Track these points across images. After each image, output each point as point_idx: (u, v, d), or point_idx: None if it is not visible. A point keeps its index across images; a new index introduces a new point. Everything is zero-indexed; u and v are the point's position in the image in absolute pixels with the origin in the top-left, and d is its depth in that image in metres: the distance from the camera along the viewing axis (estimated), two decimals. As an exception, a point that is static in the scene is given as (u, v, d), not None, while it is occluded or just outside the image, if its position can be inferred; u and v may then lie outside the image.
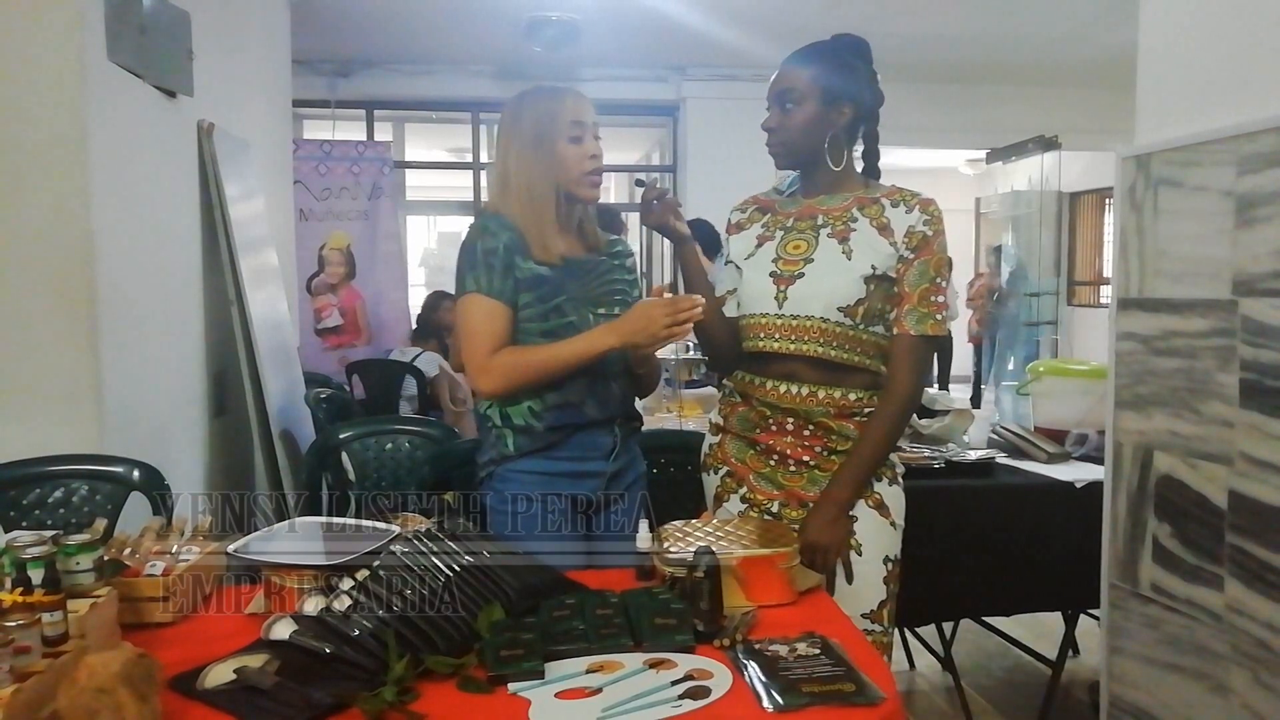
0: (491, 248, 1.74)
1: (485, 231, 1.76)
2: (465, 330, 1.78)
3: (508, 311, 1.74)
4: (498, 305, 1.74)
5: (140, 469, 2.22)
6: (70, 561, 1.36)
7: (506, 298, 1.74)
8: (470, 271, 1.75)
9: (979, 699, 2.97)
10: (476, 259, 1.74)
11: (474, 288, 1.74)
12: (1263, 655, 1.70)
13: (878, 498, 1.76)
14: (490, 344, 1.73)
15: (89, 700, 1.07)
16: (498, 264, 1.73)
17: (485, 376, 1.74)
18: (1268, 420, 1.69)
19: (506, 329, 1.75)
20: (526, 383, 1.74)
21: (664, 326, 1.64)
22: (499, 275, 1.73)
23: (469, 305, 1.76)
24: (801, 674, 1.22)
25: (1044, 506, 2.52)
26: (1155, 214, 1.97)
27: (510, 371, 1.73)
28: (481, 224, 1.78)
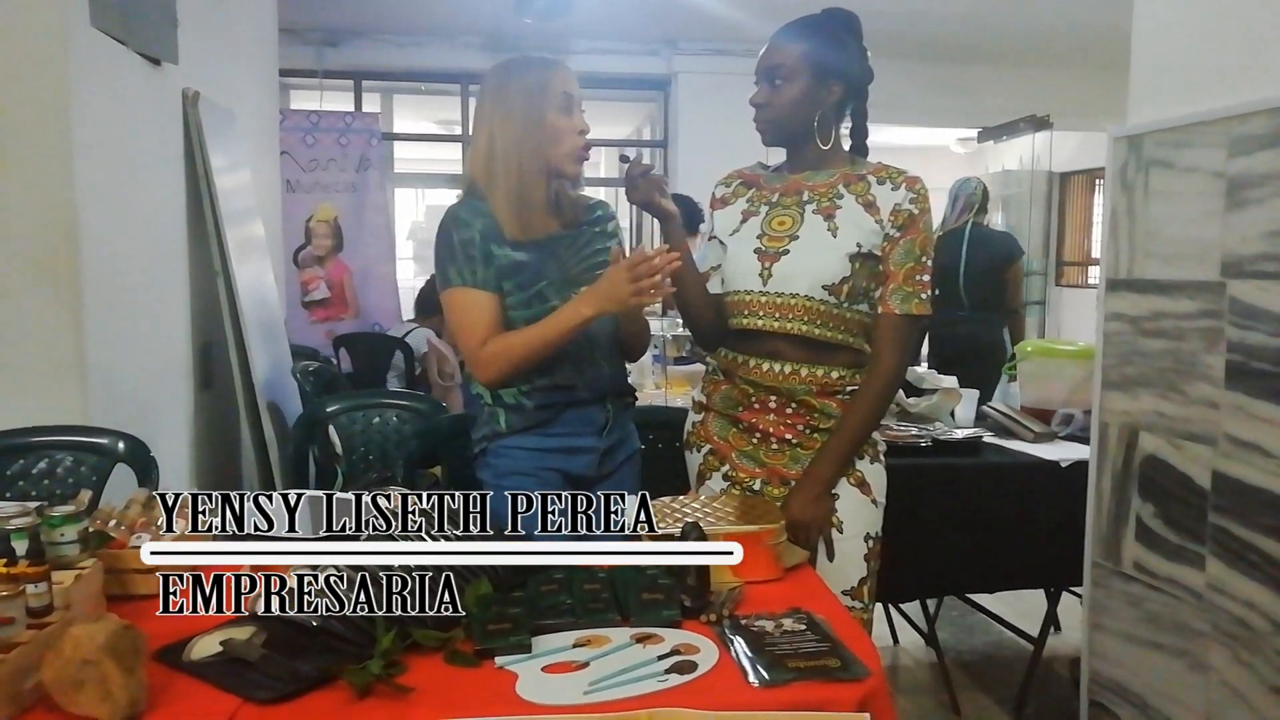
0: (467, 238, 1.72)
1: (458, 222, 1.73)
2: (456, 326, 1.77)
3: (493, 299, 1.73)
4: (482, 295, 1.73)
5: (125, 441, 2.21)
6: (55, 533, 1.35)
7: (491, 286, 1.73)
8: (451, 264, 1.73)
9: (961, 674, 3.00)
10: (455, 251, 1.72)
11: (458, 281, 1.73)
12: (1242, 633, 1.72)
13: (859, 475, 1.77)
14: (480, 335, 1.72)
15: (75, 672, 1.06)
16: (476, 253, 1.72)
17: (481, 369, 1.74)
18: (1253, 402, 1.70)
19: (495, 316, 1.73)
20: (521, 365, 1.73)
21: (629, 290, 1.60)
22: (480, 264, 1.72)
23: (454, 300, 1.75)
24: (787, 649, 1.22)
25: (1029, 485, 2.54)
26: (1146, 195, 1.97)
27: (500, 359, 1.72)
28: (453, 214, 1.75)
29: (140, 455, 2.20)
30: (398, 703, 1.10)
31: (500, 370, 1.73)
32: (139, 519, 1.55)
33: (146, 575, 1.44)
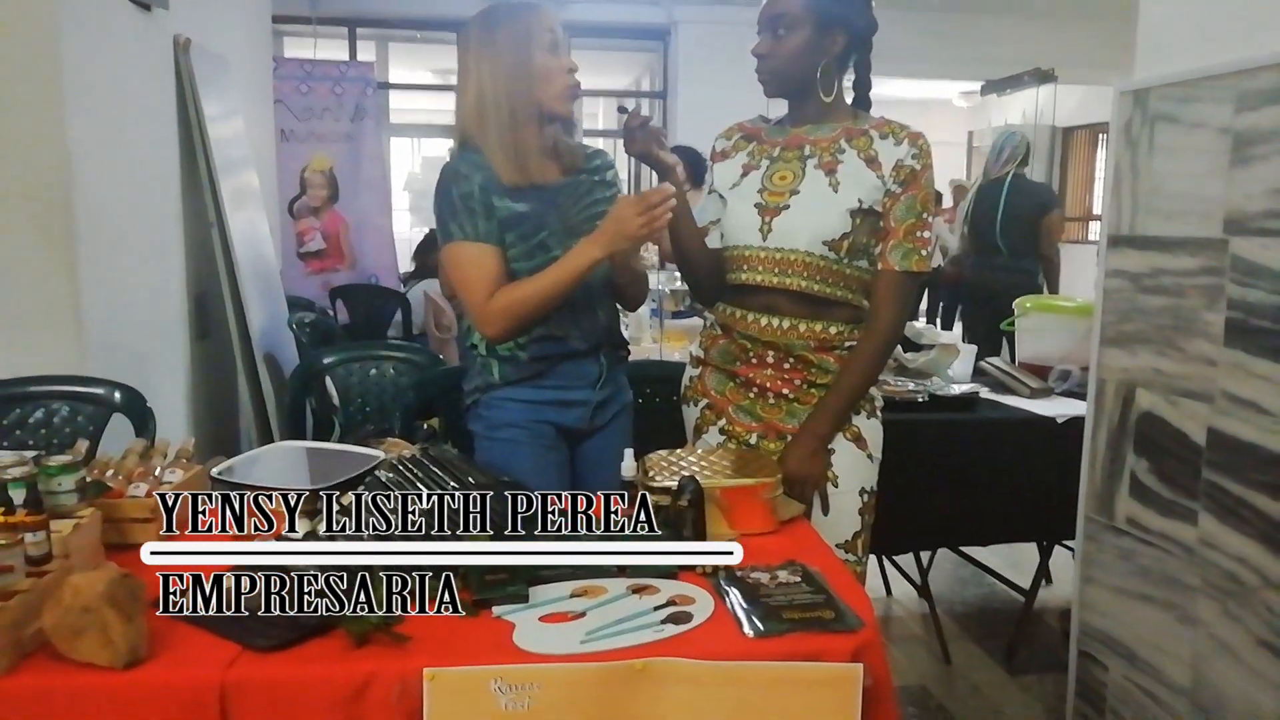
0: (467, 191, 1.69)
1: (458, 175, 1.71)
2: (458, 281, 1.74)
3: (496, 252, 1.71)
4: (485, 248, 1.70)
5: (122, 391, 2.21)
6: (52, 482, 1.35)
7: (494, 239, 1.71)
8: (452, 219, 1.70)
9: (953, 625, 3.04)
10: (455, 205, 1.70)
11: (460, 235, 1.70)
12: (1231, 587, 1.74)
13: (856, 430, 1.77)
14: (486, 290, 1.70)
15: (75, 619, 1.07)
16: (477, 206, 1.69)
17: (488, 324, 1.72)
18: (1251, 359, 1.70)
19: (499, 270, 1.71)
20: (528, 317, 1.71)
21: (639, 224, 1.60)
22: (481, 218, 1.70)
23: (457, 254, 1.72)
24: (782, 601, 1.24)
25: (1025, 441, 2.55)
26: (1150, 150, 1.95)
27: (508, 312, 1.70)
28: (452, 168, 1.72)
29: (137, 405, 2.20)
30: (396, 651, 1.12)
31: (509, 322, 1.71)
32: (136, 469, 1.55)
33: (145, 524, 1.45)
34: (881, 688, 1.15)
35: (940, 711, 2.54)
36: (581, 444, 1.85)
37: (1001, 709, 2.55)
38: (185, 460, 1.64)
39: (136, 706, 1.06)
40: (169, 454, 1.66)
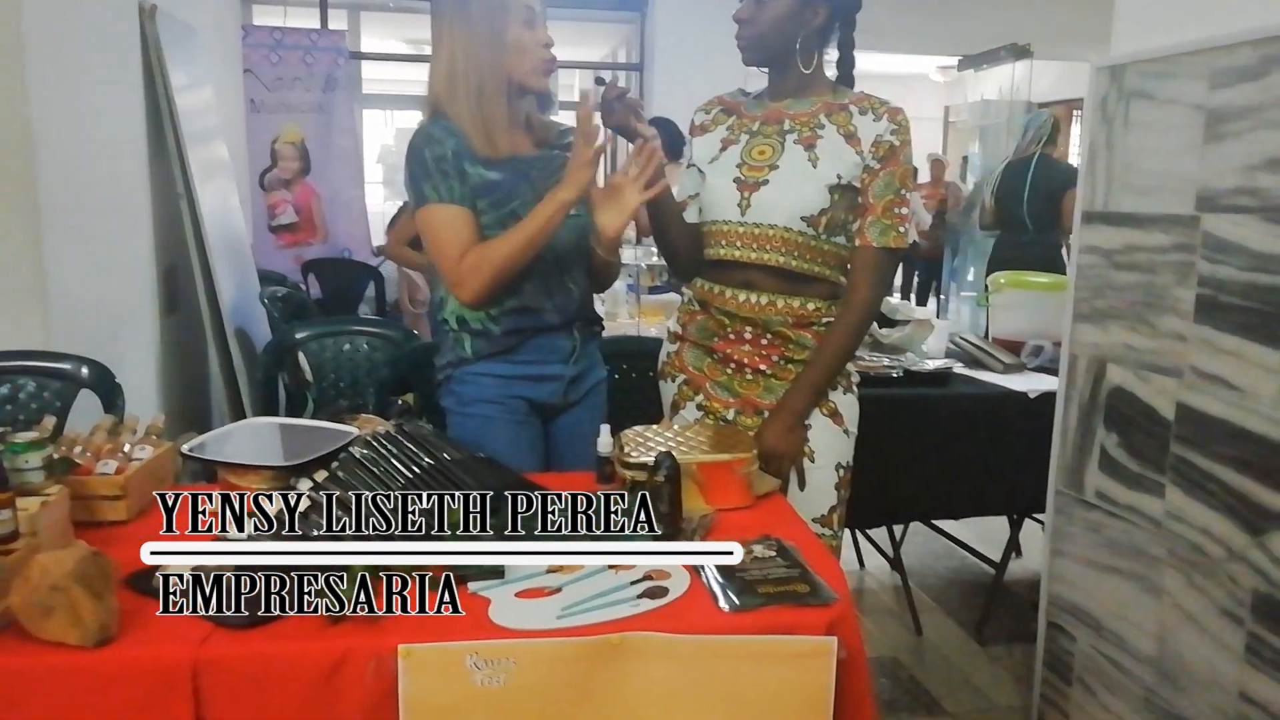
0: (440, 154, 1.67)
1: (431, 139, 1.68)
2: (433, 245, 1.71)
3: (470, 215, 1.68)
4: (459, 211, 1.68)
5: (89, 366, 2.18)
6: (18, 459, 1.33)
7: (466, 202, 1.68)
8: (425, 181, 1.68)
9: (925, 597, 3.08)
10: (428, 168, 1.67)
11: (433, 197, 1.68)
12: (1196, 559, 1.77)
13: (832, 406, 1.78)
14: (459, 252, 1.67)
15: (43, 598, 1.06)
16: (450, 169, 1.67)
17: (461, 286, 1.68)
18: (1220, 335, 1.72)
19: (473, 233, 1.68)
20: (502, 276, 1.67)
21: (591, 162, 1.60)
22: (455, 180, 1.67)
23: (430, 217, 1.69)
24: (757, 575, 1.24)
25: (997, 416, 2.58)
26: (1126, 127, 1.95)
27: (481, 271, 1.66)
28: (426, 131, 1.70)
29: (105, 381, 2.17)
30: (370, 627, 1.11)
31: (481, 283, 1.67)
32: (105, 445, 1.53)
33: (114, 502, 1.43)
34: (855, 660, 1.16)
35: (911, 682, 2.57)
36: (555, 419, 1.84)
37: (971, 678, 2.59)
38: (155, 437, 1.62)
39: (108, 685, 1.05)
40: (138, 430, 1.64)
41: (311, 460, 1.42)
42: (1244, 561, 1.67)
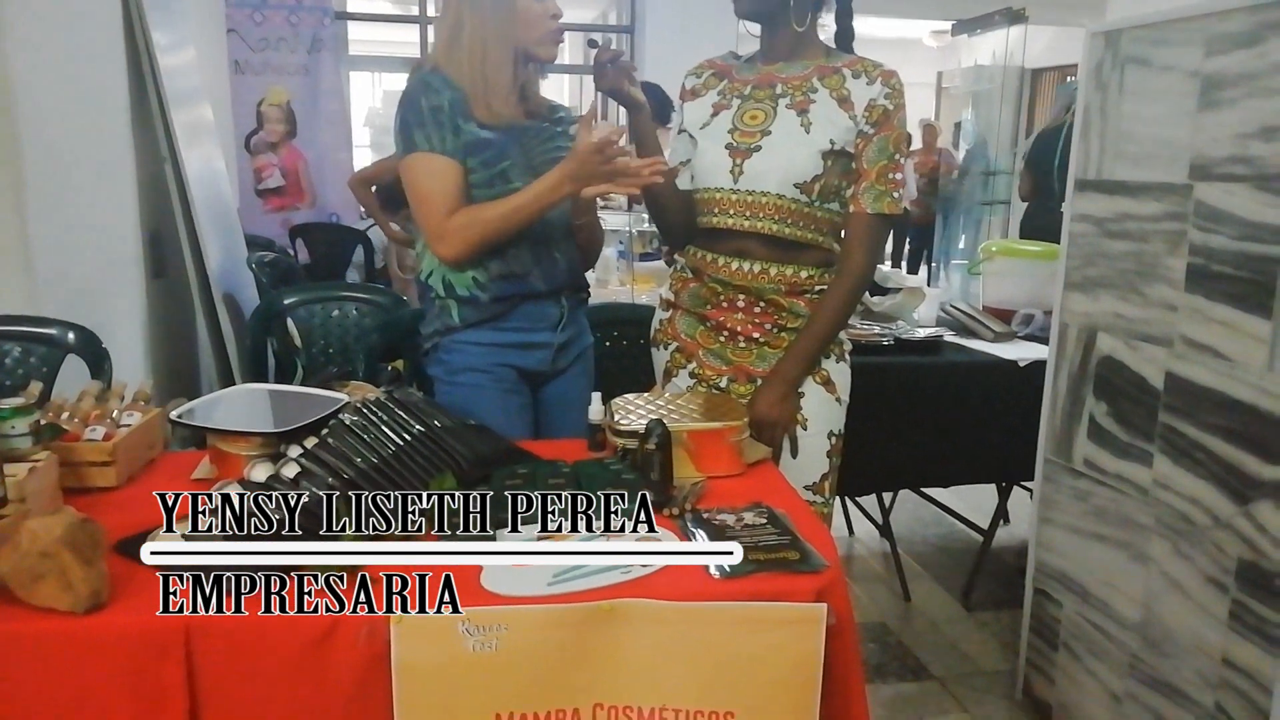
0: (437, 104, 1.64)
1: (429, 88, 1.65)
2: (417, 194, 1.68)
3: (459, 169, 1.66)
4: (449, 163, 1.65)
5: (75, 331, 2.16)
6: (5, 425, 1.32)
7: (458, 155, 1.66)
8: (418, 129, 1.64)
9: (913, 564, 3.11)
10: (423, 115, 1.64)
11: (424, 145, 1.64)
12: (1183, 527, 1.79)
13: (825, 374, 1.78)
14: (445, 206, 1.64)
15: (33, 564, 1.05)
16: (445, 120, 1.64)
17: (443, 242, 1.66)
18: (1210, 305, 1.72)
19: (460, 188, 1.66)
20: (486, 241, 1.65)
21: (600, 173, 1.55)
22: (449, 132, 1.64)
23: (418, 165, 1.66)
24: (748, 542, 1.25)
25: (987, 384, 2.59)
26: (1120, 94, 1.94)
27: (468, 232, 1.64)
28: (423, 79, 1.67)
29: (91, 346, 2.15)
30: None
31: (465, 244, 1.65)
32: (92, 411, 1.52)
33: (103, 468, 1.43)
34: (844, 626, 1.17)
35: (899, 647, 2.61)
36: (544, 386, 1.84)
37: (958, 644, 2.62)
38: (143, 403, 1.61)
39: (99, 651, 1.05)
40: (126, 396, 1.63)
41: (302, 426, 1.42)
42: (1230, 530, 1.68)
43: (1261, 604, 1.62)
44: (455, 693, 1.09)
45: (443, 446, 1.42)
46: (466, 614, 1.08)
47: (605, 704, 1.12)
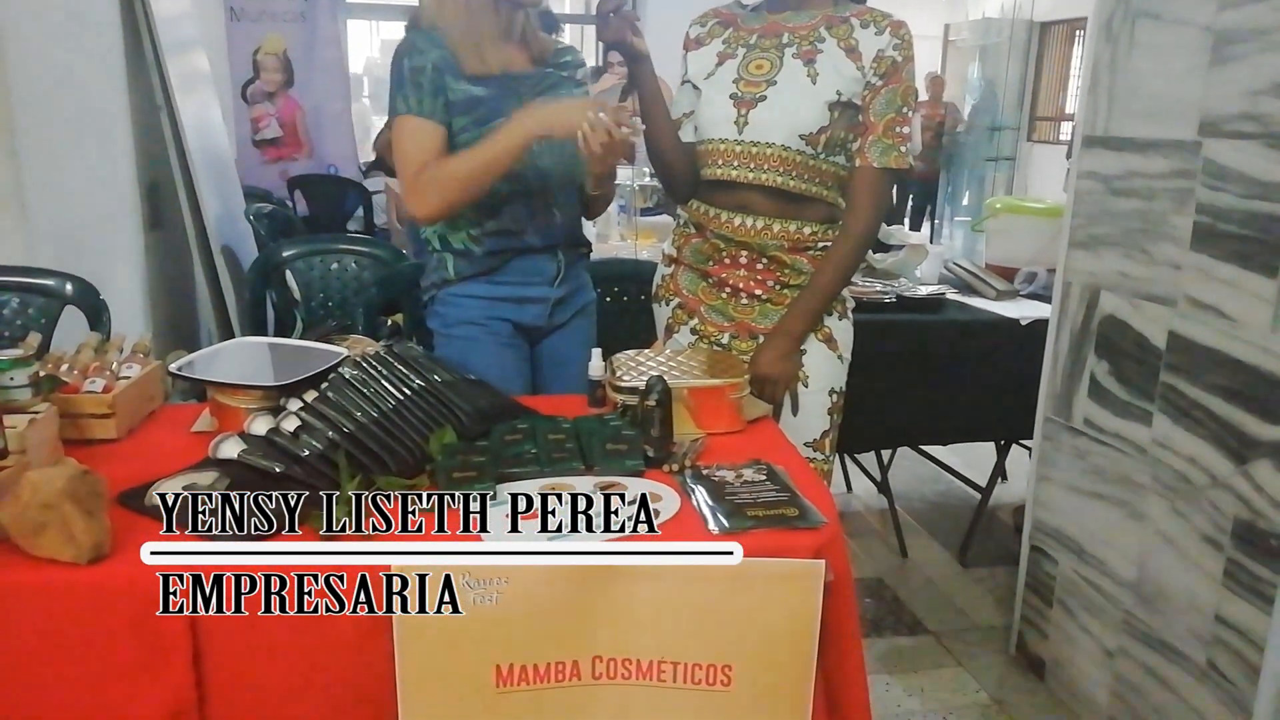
0: (419, 65, 1.63)
1: (413, 49, 1.64)
2: (396, 155, 1.69)
3: (438, 130, 1.65)
4: (426, 124, 1.64)
5: (73, 283, 2.15)
6: (4, 377, 1.31)
7: (437, 117, 1.65)
8: (399, 91, 1.65)
9: (911, 521, 3.13)
10: (404, 78, 1.64)
11: (403, 109, 1.65)
12: (1180, 486, 1.80)
13: (827, 331, 1.77)
14: (418, 163, 1.64)
15: (35, 515, 1.06)
16: (426, 83, 1.63)
17: (415, 198, 1.66)
18: (1216, 264, 1.71)
19: (437, 147, 1.65)
20: (459, 196, 1.64)
21: (584, 119, 1.49)
22: (428, 95, 1.64)
23: (397, 127, 1.67)
24: (747, 499, 1.25)
25: (989, 342, 2.58)
26: (1130, 48, 1.91)
27: (437, 186, 1.63)
28: (410, 38, 1.66)
29: (90, 298, 2.14)
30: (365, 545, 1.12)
31: (437, 199, 1.64)
32: (92, 363, 1.52)
33: (103, 420, 1.43)
34: (842, 582, 1.18)
35: (895, 602, 2.63)
36: (541, 342, 1.84)
37: (954, 599, 2.65)
38: (142, 355, 1.61)
39: (103, 602, 1.05)
40: (125, 349, 1.62)
41: (302, 380, 1.41)
42: (1227, 489, 1.69)
43: (1257, 562, 1.63)
44: (455, 645, 1.10)
45: (443, 401, 1.42)
46: (467, 567, 1.09)
47: (604, 657, 1.14)
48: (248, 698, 1.09)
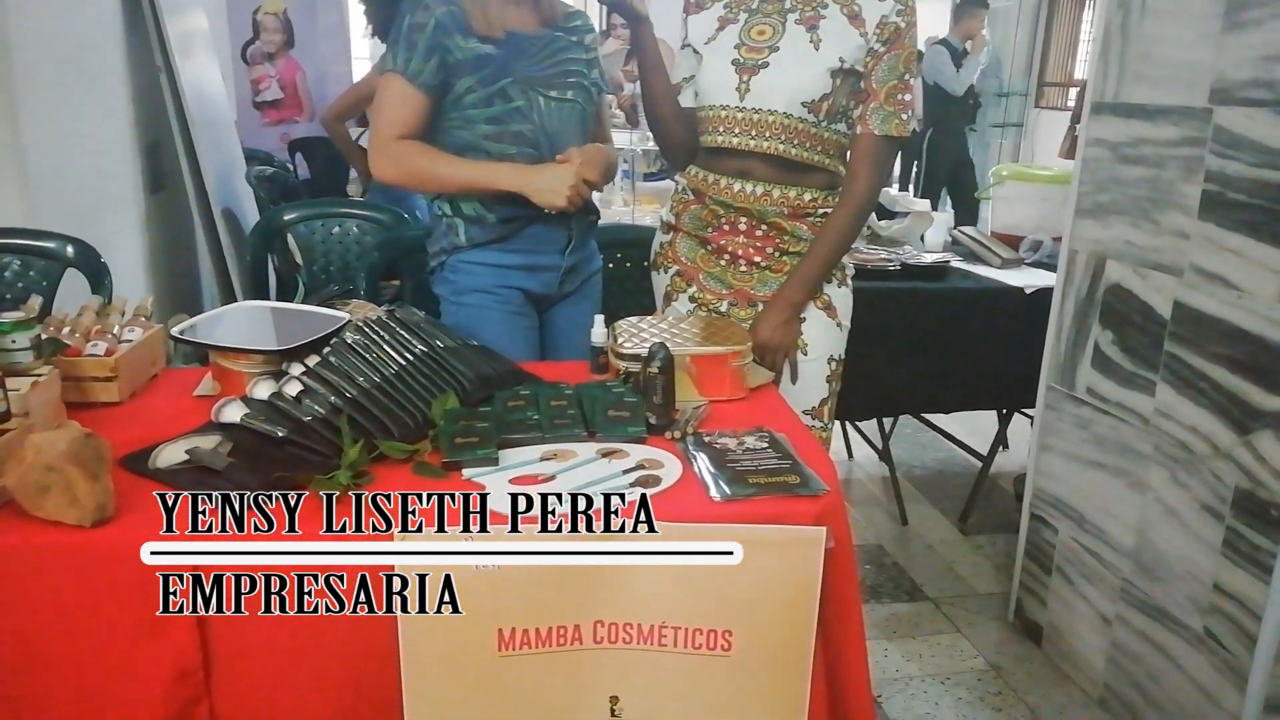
0: (420, 23, 1.62)
1: (420, 4, 1.62)
2: (374, 107, 1.71)
3: (422, 99, 1.66)
4: (409, 90, 1.65)
5: (74, 245, 2.14)
6: (6, 339, 1.31)
7: (424, 81, 1.64)
8: (393, 45, 1.65)
9: (912, 488, 3.14)
10: (400, 33, 1.64)
11: (390, 65, 1.65)
12: (1182, 455, 1.80)
13: (826, 299, 1.77)
14: (393, 128, 1.67)
15: (38, 477, 1.06)
16: (421, 42, 1.62)
17: (380, 158, 1.69)
18: (1224, 233, 1.69)
19: (416, 117, 1.67)
20: (418, 186, 1.79)
21: (565, 196, 1.63)
22: (420, 56, 1.62)
23: (382, 83, 1.68)
24: (748, 466, 1.25)
25: (993, 310, 2.57)
26: (1143, 12, 1.88)
27: (406, 165, 1.69)
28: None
29: (91, 260, 2.14)
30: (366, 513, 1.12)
31: (398, 172, 1.71)
32: (93, 326, 1.51)
33: (106, 383, 1.43)
34: (842, 549, 1.18)
35: (895, 568, 2.65)
36: (550, 310, 1.83)
37: (953, 566, 2.67)
38: (144, 318, 1.60)
39: (106, 564, 1.06)
40: (126, 312, 1.62)
41: (304, 345, 1.41)
42: (1229, 459, 1.69)
43: (1256, 532, 1.64)
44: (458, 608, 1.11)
45: (445, 367, 1.42)
46: (470, 534, 1.09)
47: (605, 621, 1.14)
48: (253, 657, 1.10)
